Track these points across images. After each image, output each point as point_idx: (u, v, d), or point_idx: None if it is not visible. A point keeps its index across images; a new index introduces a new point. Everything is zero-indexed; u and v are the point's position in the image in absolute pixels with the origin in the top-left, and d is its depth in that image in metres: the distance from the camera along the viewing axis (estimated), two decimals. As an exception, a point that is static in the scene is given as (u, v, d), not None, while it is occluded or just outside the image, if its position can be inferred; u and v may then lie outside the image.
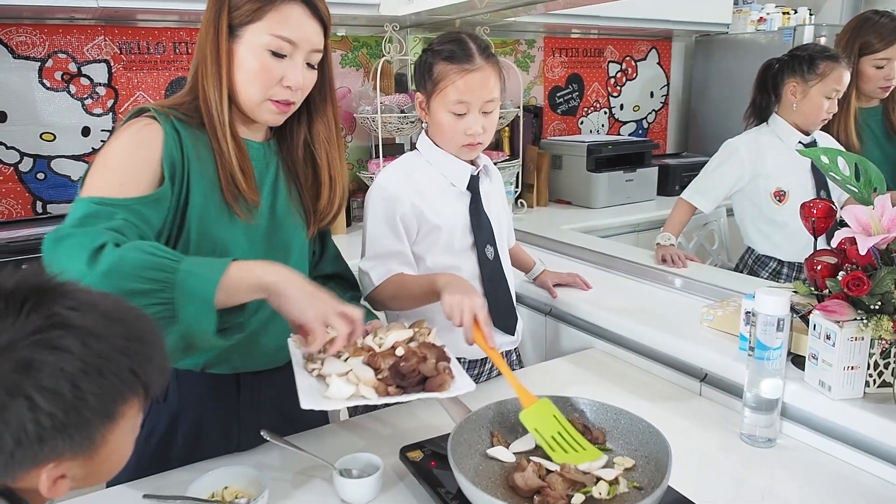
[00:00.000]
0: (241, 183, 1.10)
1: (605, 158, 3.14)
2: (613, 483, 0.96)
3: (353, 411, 1.38)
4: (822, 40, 3.06)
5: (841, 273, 1.12)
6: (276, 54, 1.08)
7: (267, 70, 1.08)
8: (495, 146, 3.11)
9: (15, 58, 2.30)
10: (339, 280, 1.39)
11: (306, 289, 0.98)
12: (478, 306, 1.15)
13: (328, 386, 1.03)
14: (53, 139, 2.40)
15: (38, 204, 2.42)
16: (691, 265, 1.94)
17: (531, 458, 1.02)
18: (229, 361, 1.19)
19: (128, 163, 1.03)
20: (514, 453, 1.05)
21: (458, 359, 1.46)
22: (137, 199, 1.00)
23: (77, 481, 0.68)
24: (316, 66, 1.15)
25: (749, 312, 1.26)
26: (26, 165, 2.37)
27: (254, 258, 1.13)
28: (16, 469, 0.63)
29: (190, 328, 0.90)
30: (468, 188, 1.45)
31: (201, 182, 1.08)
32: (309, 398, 0.98)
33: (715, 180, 2.16)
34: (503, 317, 1.47)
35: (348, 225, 2.71)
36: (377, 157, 2.55)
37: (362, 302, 1.40)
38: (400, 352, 1.07)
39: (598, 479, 0.96)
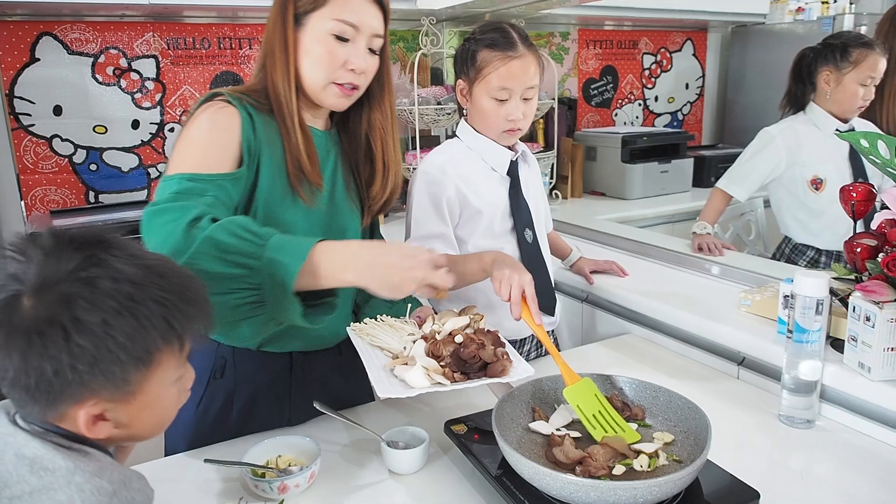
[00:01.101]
0: (307, 167, 1.14)
1: (639, 150, 3.13)
2: (653, 456, 0.99)
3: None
4: (863, 29, 3.02)
5: (881, 255, 1.13)
6: (340, 38, 1.13)
7: (331, 54, 1.13)
8: (530, 137, 3.13)
9: (70, 54, 2.39)
10: None
11: (383, 274, 0.95)
12: (526, 282, 1.18)
13: (395, 376, 1.05)
14: (105, 132, 2.49)
15: (91, 194, 2.51)
16: (728, 253, 1.94)
17: (567, 432, 1.05)
18: (284, 342, 1.24)
19: (213, 142, 1.08)
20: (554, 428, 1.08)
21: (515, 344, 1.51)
22: (224, 175, 1.06)
23: (120, 427, 0.72)
24: (378, 53, 1.19)
25: (788, 296, 1.28)
26: (80, 157, 2.47)
27: None
28: (57, 402, 0.67)
29: (276, 313, 0.94)
30: (508, 173, 1.49)
31: (270, 165, 1.13)
32: (385, 387, 1.00)
33: (750, 169, 2.16)
34: (542, 298, 1.49)
35: (385, 215, 2.76)
36: (414, 148, 2.59)
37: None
38: (459, 339, 1.08)
39: (639, 451, 0.99)
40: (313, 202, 1.19)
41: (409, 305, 1.27)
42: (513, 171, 1.49)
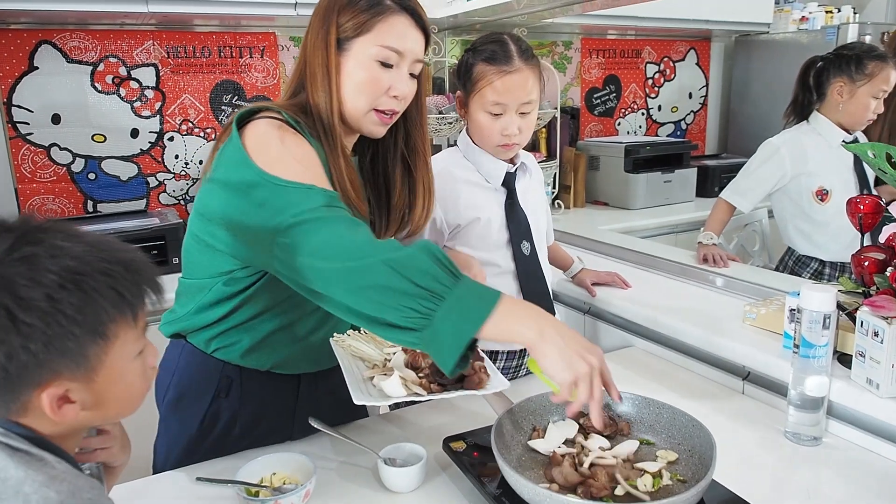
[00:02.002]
0: (352, 195, 1.10)
1: (642, 159, 3.12)
2: (657, 476, 0.96)
3: (394, 405, 1.40)
4: (867, 39, 3.00)
5: (889, 269, 1.11)
6: (384, 64, 1.10)
7: (375, 80, 1.10)
8: (532, 147, 3.11)
9: (69, 62, 2.38)
10: None
11: (563, 345, 0.90)
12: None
13: (374, 386, 1.06)
14: (104, 141, 2.48)
15: (90, 203, 2.50)
16: (732, 265, 1.92)
17: (569, 450, 1.03)
18: (296, 364, 1.22)
19: (317, 163, 1.05)
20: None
21: (495, 352, 1.49)
22: (339, 194, 1.04)
23: (88, 409, 0.70)
24: (417, 76, 1.17)
25: (794, 310, 1.25)
26: (78, 166, 2.45)
27: None
28: (18, 389, 0.66)
29: (428, 345, 0.89)
30: (503, 185, 1.48)
31: None
32: (361, 395, 1.01)
33: (755, 180, 2.14)
34: None
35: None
36: (415, 157, 2.58)
37: None
38: None
39: (643, 471, 0.97)
40: None
41: None
42: (509, 182, 1.48)
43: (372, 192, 1.25)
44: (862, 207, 1.22)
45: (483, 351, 1.20)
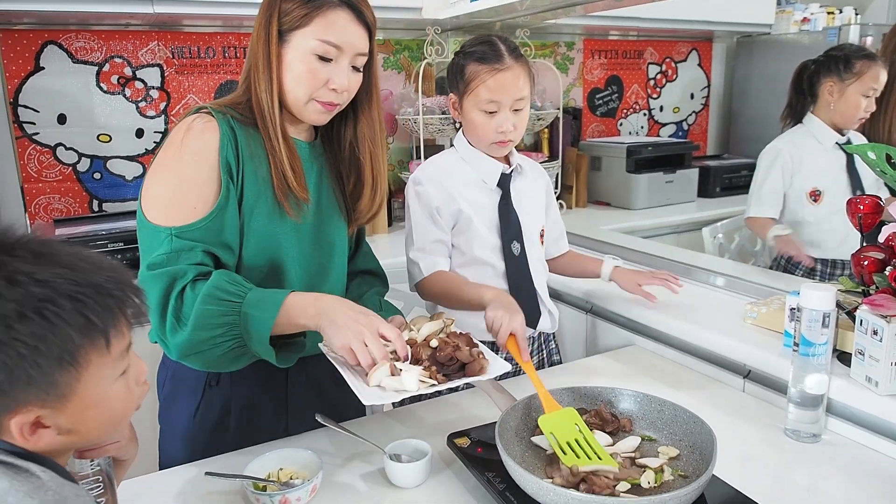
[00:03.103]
0: (292, 181, 1.14)
1: (644, 160, 3.13)
2: (659, 471, 0.97)
3: (399, 401, 1.42)
4: (869, 40, 3.02)
5: (888, 268, 1.12)
6: (323, 58, 1.13)
7: (313, 73, 1.13)
8: (534, 147, 3.13)
9: (74, 62, 2.40)
10: (370, 276, 1.43)
11: (343, 319, 1.05)
12: (517, 324, 1.21)
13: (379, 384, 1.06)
14: (109, 140, 2.49)
15: (95, 202, 2.51)
16: (732, 265, 1.93)
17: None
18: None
19: (199, 178, 1.09)
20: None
21: (493, 345, 1.51)
22: (210, 216, 1.09)
23: (65, 434, 0.69)
24: (361, 69, 1.19)
25: (794, 308, 1.27)
26: (84, 165, 2.47)
27: (301, 255, 1.20)
28: None
29: (257, 355, 1.09)
30: (499, 185, 1.50)
31: (255, 180, 1.13)
32: (368, 395, 1.01)
33: (770, 187, 2.16)
34: (525, 311, 1.49)
35: (389, 225, 2.76)
36: (418, 157, 2.59)
37: (410, 290, 1.50)
38: (434, 343, 1.12)
39: (645, 466, 0.98)
40: (299, 217, 1.19)
41: (381, 313, 1.25)
42: (504, 183, 1.50)
43: (332, 178, 1.29)
44: (861, 207, 1.24)
45: (484, 343, 1.22)
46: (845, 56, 2.05)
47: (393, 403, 1.48)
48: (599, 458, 0.99)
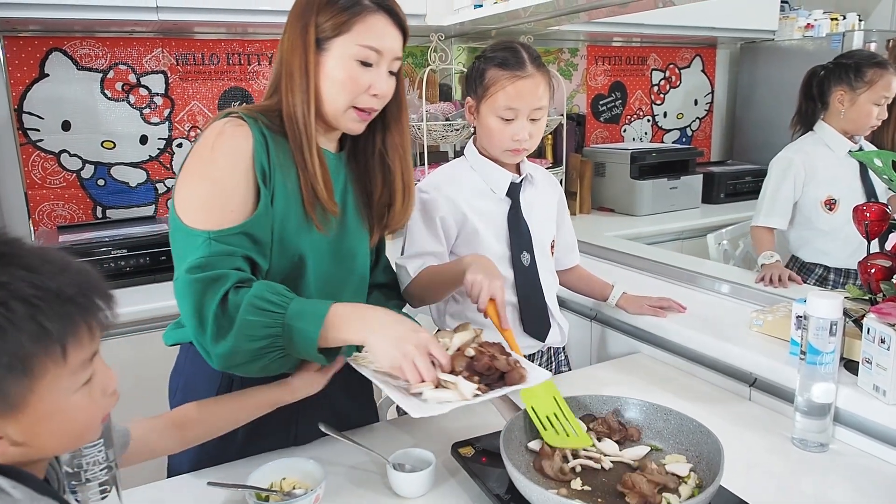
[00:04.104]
0: (322, 193, 1.12)
1: (648, 166, 3.12)
2: (686, 478, 0.97)
3: (399, 412, 1.41)
4: (873, 46, 3.01)
5: (896, 276, 1.12)
6: (364, 63, 1.11)
7: (354, 79, 1.11)
8: (538, 154, 3.12)
9: (79, 69, 2.40)
10: (387, 289, 1.42)
11: (392, 336, 1.02)
12: (496, 288, 1.19)
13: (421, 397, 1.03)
14: (113, 147, 2.50)
15: (99, 209, 2.52)
16: (739, 272, 1.92)
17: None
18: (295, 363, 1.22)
19: (234, 182, 1.07)
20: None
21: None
22: (248, 222, 1.07)
23: (18, 445, 0.66)
24: (395, 73, 1.18)
25: (801, 316, 1.26)
26: (88, 172, 2.47)
27: (324, 267, 1.18)
28: None
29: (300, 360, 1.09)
30: (508, 195, 1.48)
31: (283, 191, 1.11)
32: (417, 408, 0.98)
33: (781, 198, 2.14)
34: (535, 323, 1.49)
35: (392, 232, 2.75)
36: (422, 164, 2.59)
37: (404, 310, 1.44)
38: (470, 353, 1.08)
39: (680, 478, 0.97)
40: (327, 230, 1.17)
41: None
42: (513, 193, 1.48)
43: (357, 189, 1.27)
44: (868, 215, 1.23)
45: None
46: (856, 64, 2.03)
47: (398, 412, 1.48)
48: (576, 435, 1.06)
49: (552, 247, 1.59)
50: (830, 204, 2.09)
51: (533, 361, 1.58)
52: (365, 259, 1.29)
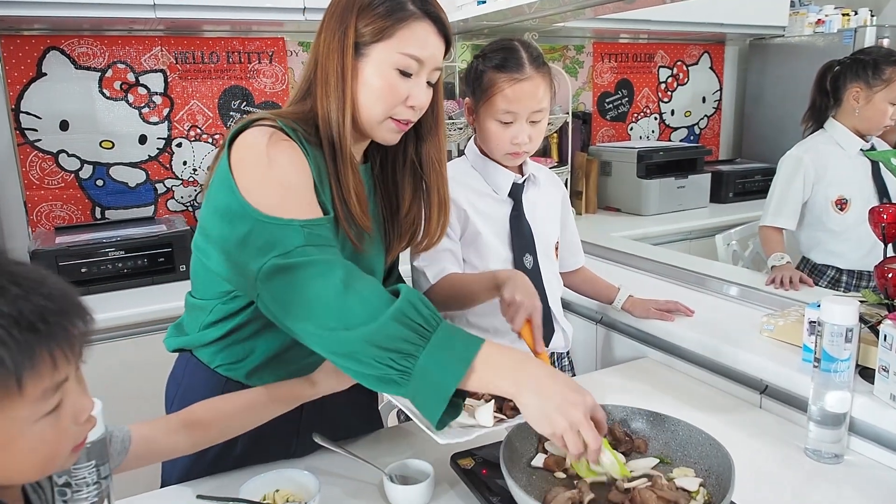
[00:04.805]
0: (356, 209, 1.06)
1: (655, 165, 3.08)
2: (696, 493, 0.93)
3: (405, 418, 1.37)
4: (885, 42, 2.96)
5: (914, 281, 1.07)
6: (404, 73, 1.05)
7: (393, 89, 1.05)
8: (543, 152, 3.08)
9: (77, 68, 2.38)
10: None
11: (554, 400, 0.88)
12: (535, 309, 1.16)
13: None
14: (112, 147, 2.47)
15: (98, 210, 2.49)
16: (748, 273, 1.88)
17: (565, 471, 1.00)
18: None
19: (303, 183, 0.99)
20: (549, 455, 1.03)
21: None
22: (328, 219, 1.00)
23: None
24: (434, 84, 1.12)
25: (814, 322, 1.21)
26: (86, 172, 2.45)
27: None
28: None
29: (413, 399, 0.90)
30: (510, 196, 1.45)
31: (323, 206, 1.03)
32: (445, 435, 0.94)
33: (790, 197, 2.09)
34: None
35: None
36: (425, 163, 2.56)
37: None
38: None
39: (690, 494, 0.93)
40: (362, 245, 1.10)
41: None
42: (515, 193, 1.45)
43: (383, 202, 1.20)
44: (885, 217, 1.18)
45: None
46: (874, 61, 1.98)
47: (398, 419, 1.45)
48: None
49: (556, 248, 1.55)
50: (842, 204, 2.04)
51: (556, 364, 1.56)
52: (380, 275, 1.23)
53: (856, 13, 3.36)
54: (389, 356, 0.87)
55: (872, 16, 3.42)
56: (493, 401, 1.03)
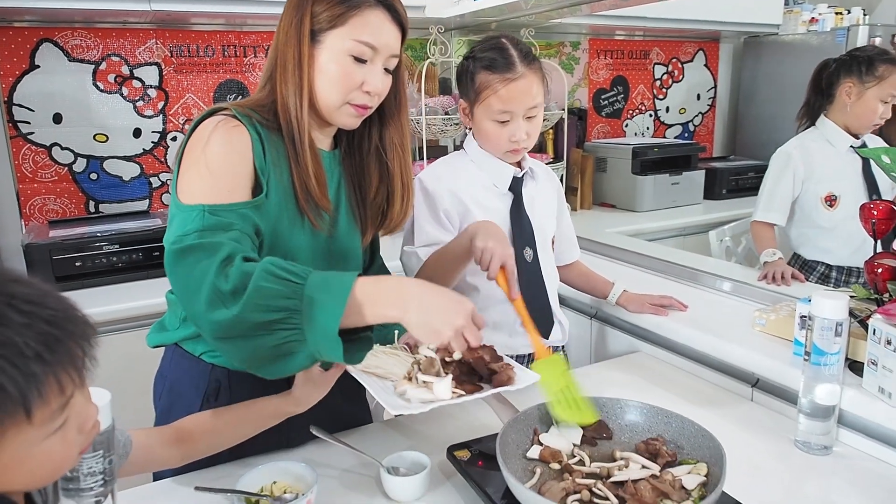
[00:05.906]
0: (315, 191, 1.09)
1: (650, 161, 3.09)
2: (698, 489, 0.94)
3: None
4: (878, 41, 2.98)
5: (904, 276, 1.09)
6: (358, 59, 1.07)
7: (348, 75, 1.07)
8: (539, 148, 3.09)
9: (70, 61, 2.36)
10: None
11: (426, 318, 0.92)
12: (507, 256, 1.17)
13: (404, 396, 1.02)
14: (106, 140, 2.46)
15: (91, 203, 2.48)
16: (741, 269, 1.89)
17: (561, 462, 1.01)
18: None
19: (229, 167, 1.02)
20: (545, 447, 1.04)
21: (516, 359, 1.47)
22: (246, 204, 1.02)
23: None
24: (392, 72, 1.14)
25: (805, 317, 1.23)
26: (80, 166, 2.44)
27: (316, 267, 1.12)
28: None
29: (318, 353, 0.91)
30: (510, 189, 1.46)
31: (278, 189, 1.07)
32: (394, 405, 0.97)
33: (779, 193, 2.11)
34: (538, 321, 1.45)
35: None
36: (421, 158, 2.56)
37: None
38: (457, 355, 1.07)
39: (685, 489, 0.94)
40: (323, 227, 1.14)
41: (397, 332, 1.20)
42: (515, 187, 1.46)
43: (350, 187, 1.23)
44: (875, 213, 1.20)
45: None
46: (868, 58, 2.00)
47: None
48: (582, 409, 1.07)
49: (553, 242, 1.56)
50: (831, 200, 2.06)
51: (534, 360, 1.56)
52: (358, 260, 1.26)
53: (849, 12, 3.38)
54: (275, 317, 0.88)
55: (865, 15, 3.44)
56: (450, 375, 1.04)
